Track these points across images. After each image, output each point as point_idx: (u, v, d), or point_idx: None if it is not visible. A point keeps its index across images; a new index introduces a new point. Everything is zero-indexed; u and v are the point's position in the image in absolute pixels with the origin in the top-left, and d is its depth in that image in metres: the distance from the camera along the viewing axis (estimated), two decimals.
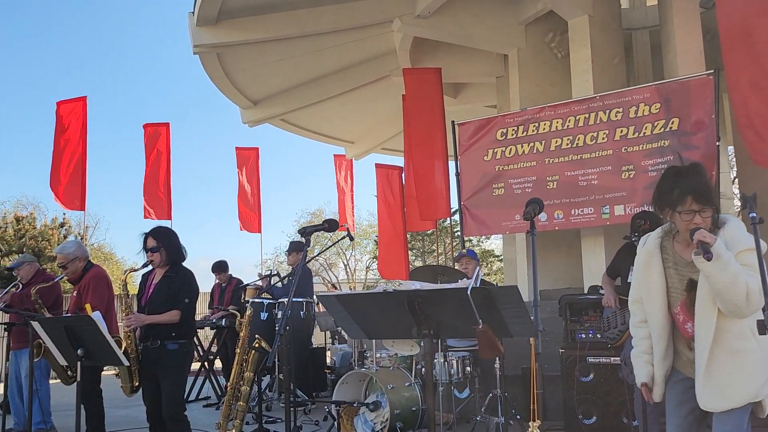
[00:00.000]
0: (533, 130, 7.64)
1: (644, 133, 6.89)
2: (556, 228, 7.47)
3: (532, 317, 2.58)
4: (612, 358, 5.08)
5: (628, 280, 4.90)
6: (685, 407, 2.70)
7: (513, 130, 7.80)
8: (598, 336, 5.18)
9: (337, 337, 9.27)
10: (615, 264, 5.12)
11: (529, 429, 2.67)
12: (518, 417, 5.37)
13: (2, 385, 5.82)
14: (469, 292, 2.31)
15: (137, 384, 4.39)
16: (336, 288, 19.68)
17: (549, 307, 6.26)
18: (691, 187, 2.56)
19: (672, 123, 6.71)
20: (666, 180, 2.68)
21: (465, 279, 4.03)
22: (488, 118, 8.22)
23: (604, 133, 7.15)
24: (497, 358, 5.13)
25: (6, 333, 5.45)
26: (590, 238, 7.59)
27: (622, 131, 7.04)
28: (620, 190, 6.97)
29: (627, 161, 6.95)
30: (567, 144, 7.40)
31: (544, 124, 7.57)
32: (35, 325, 3.95)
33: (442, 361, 5.18)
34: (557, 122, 7.49)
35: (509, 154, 7.82)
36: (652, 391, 2.75)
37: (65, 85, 48.91)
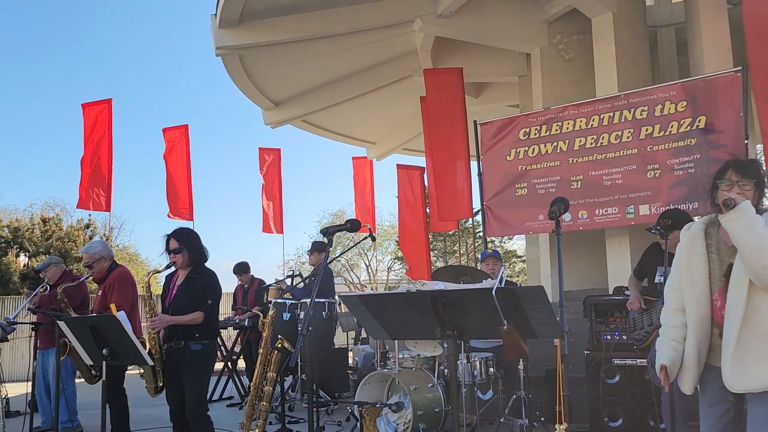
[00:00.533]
0: (557, 130, 7.57)
1: (670, 131, 6.78)
2: (581, 228, 7.39)
3: (556, 318, 2.54)
4: (638, 360, 5.00)
5: (655, 281, 4.82)
6: (720, 408, 2.64)
7: (536, 129, 7.73)
8: (624, 337, 5.11)
9: (361, 338, 9.26)
10: (642, 265, 5.04)
11: (556, 431, 2.64)
12: (542, 419, 5.31)
13: (30, 384, 5.89)
14: (494, 293, 2.28)
15: (161, 384, 4.42)
16: (363, 288, 19.67)
17: (573, 308, 6.19)
18: (734, 161, 2.65)
19: (699, 121, 6.59)
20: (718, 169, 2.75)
21: (489, 279, 3.96)
22: (511, 117, 8.15)
23: (629, 132, 7.06)
24: (521, 360, 5.08)
25: (33, 332, 5.52)
26: (615, 239, 7.50)
27: (647, 130, 6.93)
28: (645, 190, 6.87)
29: (652, 160, 6.85)
30: (591, 143, 7.32)
31: (568, 123, 7.49)
32: (61, 324, 3.99)
33: (465, 362, 5.14)
34: (581, 121, 7.41)
35: (532, 153, 7.75)
36: (683, 381, 2.68)
37: (89, 87, 49.73)
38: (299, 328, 3.20)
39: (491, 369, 5.28)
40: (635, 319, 4.83)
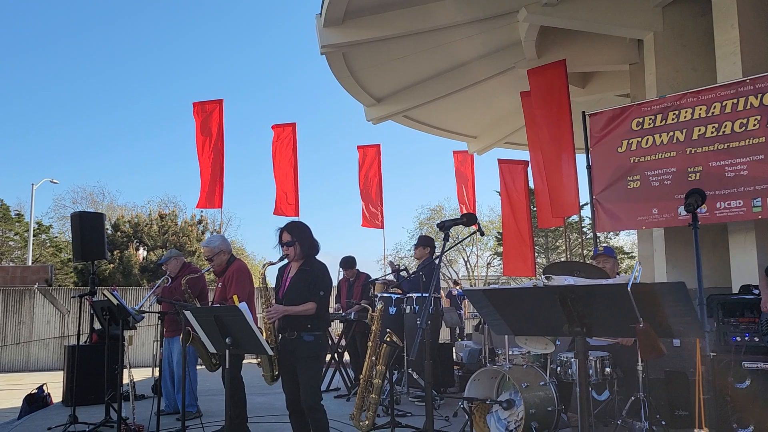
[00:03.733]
0: (673, 119, 7.18)
1: None
2: (700, 223, 6.94)
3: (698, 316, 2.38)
4: None
5: None
6: None
7: (650, 119, 7.36)
8: (756, 339, 4.77)
9: (475, 331, 9.19)
10: None
11: None
12: (663, 423, 5.04)
13: (154, 369, 6.26)
14: (629, 288, 2.17)
15: (277, 373, 4.56)
16: (457, 284, 19.56)
17: None
18: None
19: None
20: None
21: (623, 275, 3.81)
22: (622, 107, 7.80)
23: (756, 120, 6.57)
24: (639, 360, 4.85)
25: (159, 321, 5.86)
26: (739, 234, 7.00)
27: None
28: None
29: None
30: (712, 132, 6.88)
31: (686, 112, 7.08)
32: (188, 314, 4.19)
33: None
34: (700, 109, 6.98)
35: (646, 144, 7.39)
36: None
37: (200, 87, 52.38)
38: (418, 322, 3.19)
39: (607, 368, 5.07)
40: None
